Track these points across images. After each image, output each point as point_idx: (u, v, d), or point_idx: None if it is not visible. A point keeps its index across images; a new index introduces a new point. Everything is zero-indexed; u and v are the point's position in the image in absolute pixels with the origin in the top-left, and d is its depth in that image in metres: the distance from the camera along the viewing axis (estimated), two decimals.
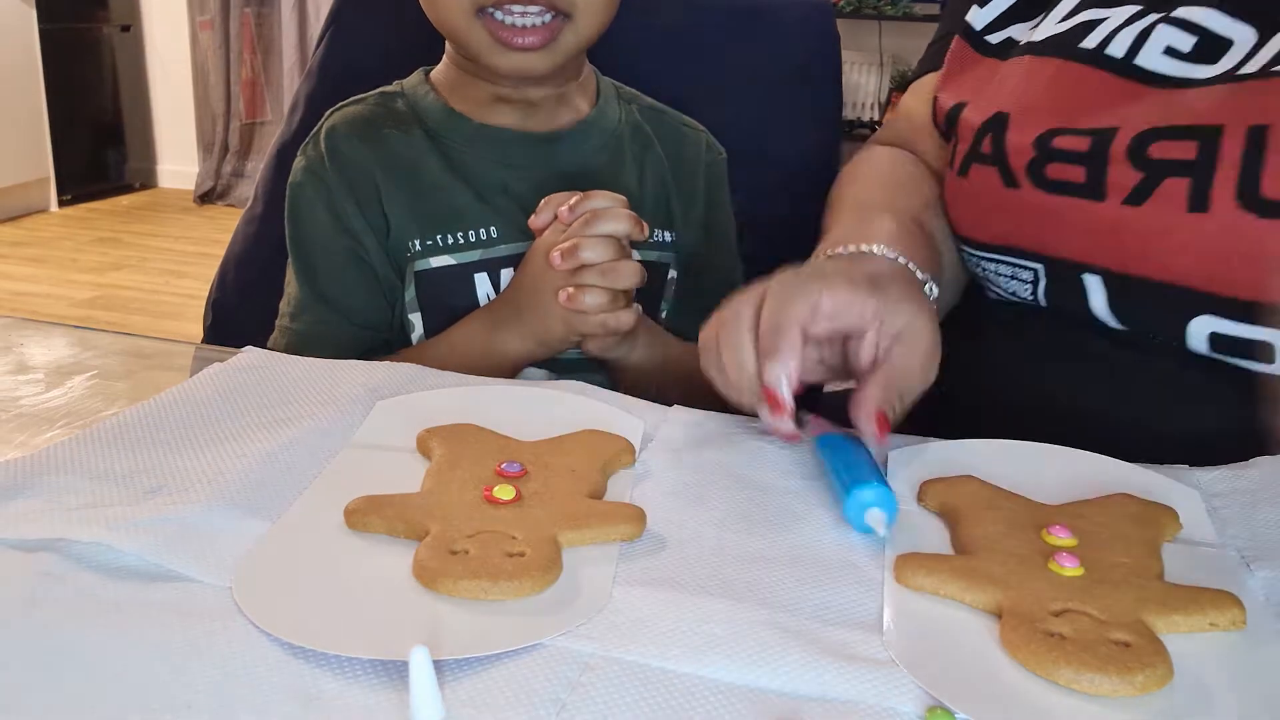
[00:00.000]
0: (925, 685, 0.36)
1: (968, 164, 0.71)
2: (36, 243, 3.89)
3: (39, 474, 0.48)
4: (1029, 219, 0.67)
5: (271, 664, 0.36)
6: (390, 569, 0.42)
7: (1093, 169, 0.63)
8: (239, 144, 4.52)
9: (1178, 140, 0.60)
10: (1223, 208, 0.58)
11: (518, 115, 0.82)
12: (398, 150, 0.80)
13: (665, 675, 0.37)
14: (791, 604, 0.41)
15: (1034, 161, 0.66)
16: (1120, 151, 0.62)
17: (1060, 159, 0.65)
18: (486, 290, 0.79)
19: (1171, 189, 0.60)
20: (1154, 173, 0.61)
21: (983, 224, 0.71)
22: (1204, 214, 0.58)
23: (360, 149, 0.80)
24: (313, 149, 0.82)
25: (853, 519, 0.47)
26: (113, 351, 0.67)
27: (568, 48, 0.77)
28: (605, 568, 0.43)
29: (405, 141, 0.81)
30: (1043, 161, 0.66)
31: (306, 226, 0.81)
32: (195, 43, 4.51)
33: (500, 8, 0.74)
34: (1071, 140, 0.64)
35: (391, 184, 0.79)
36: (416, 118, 0.82)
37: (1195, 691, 0.37)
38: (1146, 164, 0.61)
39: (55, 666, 0.36)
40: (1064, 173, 0.64)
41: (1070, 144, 0.64)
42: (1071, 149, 0.64)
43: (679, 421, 0.58)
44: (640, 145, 0.86)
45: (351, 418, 0.56)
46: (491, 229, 0.79)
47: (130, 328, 2.88)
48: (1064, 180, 0.64)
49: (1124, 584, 0.42)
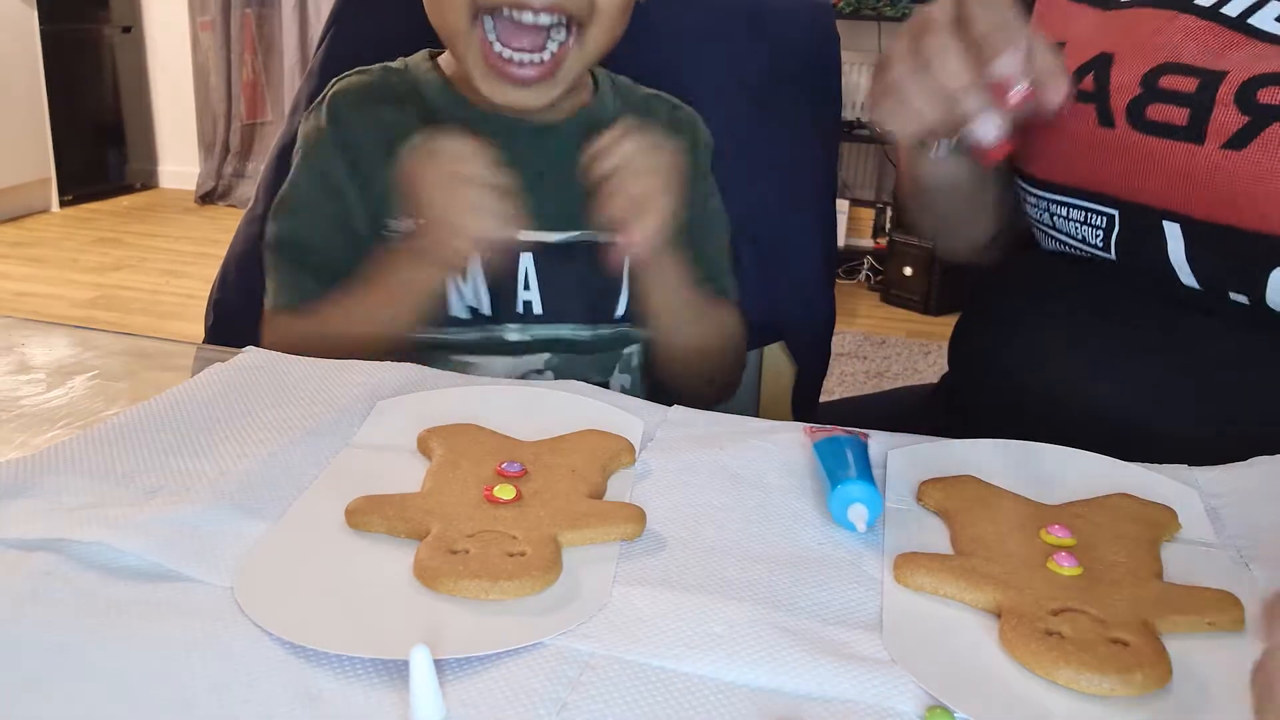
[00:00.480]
0: (925, 685, 0.36)
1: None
2: (37, 243, 3.89)
3: (39, 474, 0.48)
4: (1118, 160, 0.66)
5: (271, 664, 0.36)
6: (390, 569, 0.42)
7: (1197, 111, 0.62)
8: (240, 144, 4.52)
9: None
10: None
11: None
12: (391, 124, 0.79)
13: (665, 675, 0.37)
14: (791, 604, 0.41)
15: (1137, 100, 0.65)
16: (1229, 94, 0.61)
17: (1164, 99, 0.64)
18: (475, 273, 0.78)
19: (1276, 134, 0.59)
20: (1260, 116, 0.60)
21: (1064, 165, 0.70)
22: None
23: (358, 117, 0.79)
24: (315, 113, 0.81)
25: (837, 515, 0.47)
26: (114, 351, 0.67)
27: (569, 76, 0.75)
28: (605, 567, 0.43)
29: (398, 117, 0.79)
30: (1146, 100, 0.65)
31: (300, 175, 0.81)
32: (196, 43, 4.51)
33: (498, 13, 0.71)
34: (1179, 80, 0.64)
35: (374, 157, 0.78)
36: (416, 95, 0.81)
37: (1194, 691, 0.37)
38: (1254, 108, 0.60)
39: (55, 666, 0.36)
40: (1165, 114, 0.64)
41: (1177, 84, 0.64)
42: (1178, 89, 0.64)
43: (679, 421, 0.58)
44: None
45: (352, 418, 0.56)
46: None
47: (131, 328, 2.89)
48: (1164, 122, 0.64)
49: (1123, 584, 0.42)
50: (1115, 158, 0.66)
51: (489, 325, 0.79)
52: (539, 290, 0.80)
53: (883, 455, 0.54)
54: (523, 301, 0.80)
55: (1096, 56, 0.68)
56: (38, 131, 4.15)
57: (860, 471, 0.48)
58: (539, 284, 0.79)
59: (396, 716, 0.34)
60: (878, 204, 3.81)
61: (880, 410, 1.04)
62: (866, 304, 3.50)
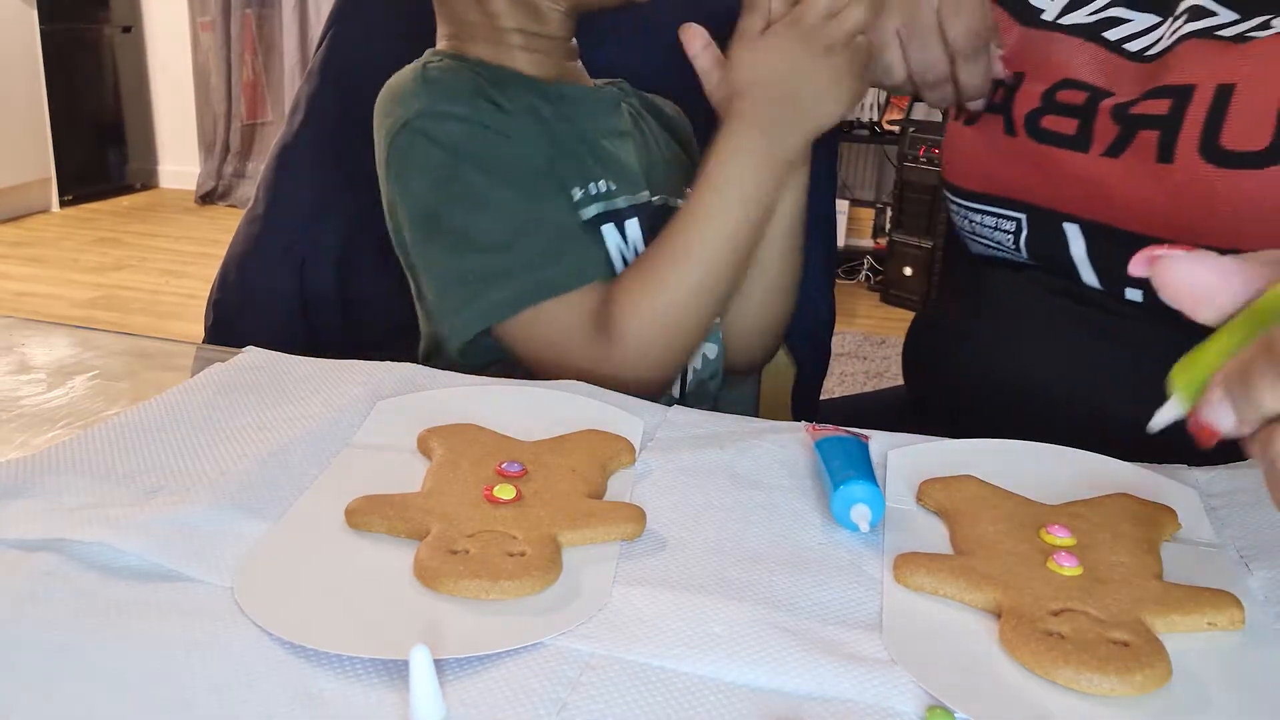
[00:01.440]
0: (925, 685, 0.36)
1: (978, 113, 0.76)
2: (38, 243, 3.89)
3: (39, 474, 0.48)
4: (1020, 167, 0.73)
5: (271, 664, 0.36)
6: (390, 569, 0.42)
7: (1084, 121, 0.69)
8: (240, 145, 4.52)
9: (1156, 99, 0.65)
10: (1186, 159, 0.62)
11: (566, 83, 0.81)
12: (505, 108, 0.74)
13: (665, 675, 0.37)
14: (791, 603, 0.41)
15: (1035, 111, 0.72)
16: (1108, 107, 0.67)
17: (1059, 111, 0.70)
18: (616, 242, 0.76)
19: (1144, 141, 0.65)
20: (1130, 126, 0.66)
21: (977, 172, 0.77)
22: (1170, 165, 0.63)
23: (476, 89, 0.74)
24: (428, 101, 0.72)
25: (839, 515, 0.47)
26: (114, 351, 0.67)
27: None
28: (605, 567, 0.43)
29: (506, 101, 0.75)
30: (1044, 111, 0.71)
31: (496, 158, 0.72)
32: (196, 44, 4.51)
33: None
34: (1072, 94, 0.70)
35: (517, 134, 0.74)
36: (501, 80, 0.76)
37: (1194, 691, 0.37)
38: (1126, 119, 0.66)
39: (55, 666, 0.36)
40: (1058, 124, 0.70)
41: (1070, 98, 0.70)
42: (1070, 102, 0.70)
43: (679, 421, 0.58)
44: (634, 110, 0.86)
45: (352, 417, 0.56)
46: (609, 183, 0.77)
47: (131, 328, 2.89)
48: (1056, 131, 0.70)
49: (1123, 584, 0.42)
50: (1018, 164, 0.73)
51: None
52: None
53: (883, 455, 0.54)
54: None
55: (1011, 76, 0.75)
56: (38, 131, 4.15)
57: (863, 472, 0.48)
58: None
59: (396, 716, 0.34)
60: (878, 204, 3.81)
61: (884, 403, 1.05)
62: (866, 304, 3.50)
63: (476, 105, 0.73)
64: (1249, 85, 0.61)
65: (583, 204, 0.76)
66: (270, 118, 4.49)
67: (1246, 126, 0.61)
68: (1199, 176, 0.62)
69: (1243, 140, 0.61)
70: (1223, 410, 0.36)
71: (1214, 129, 0.62)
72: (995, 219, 0.76)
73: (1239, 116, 0.61)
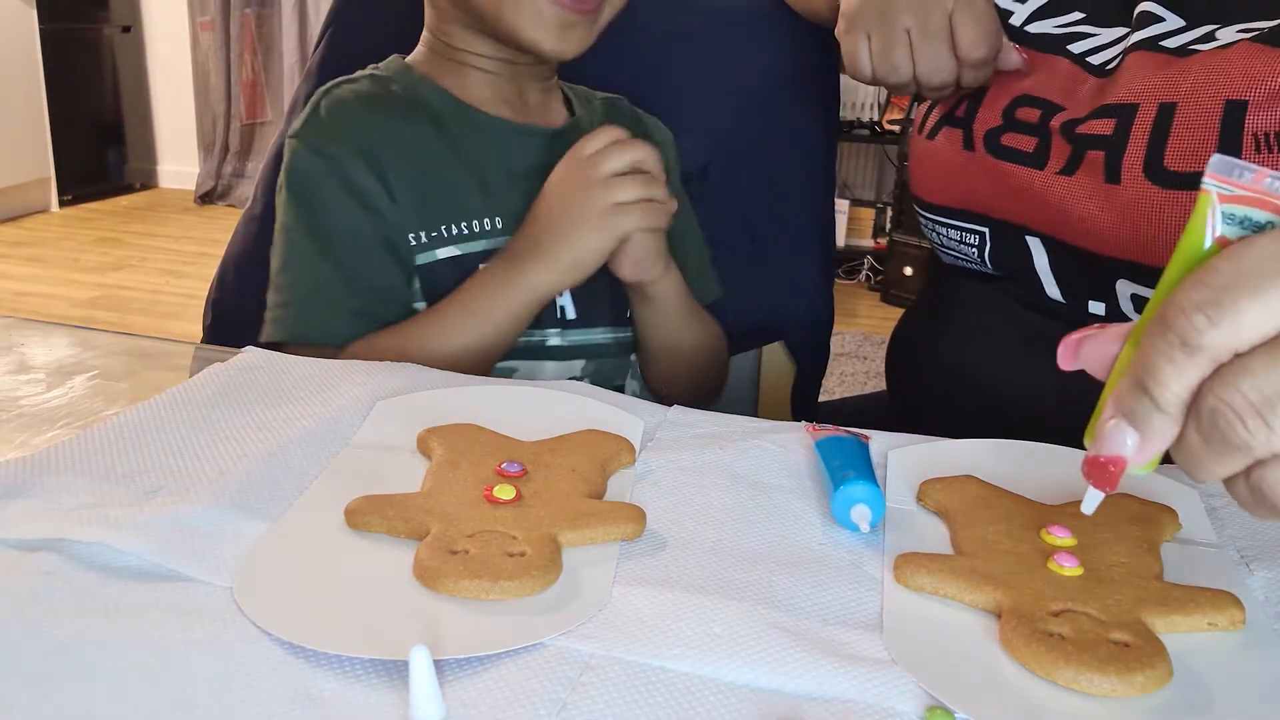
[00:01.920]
0: (925, 685, 0.36)
1: (939, 128, 0.77)
2: (37, 243, 3.89)
3: (39, 474, 0.48)
4: (981, 182, 0.73)
5: (271, 664, 0.36)
6: (390, 569, 0.42)
7: (1041, 139, 0.69)
8: (239, 144, 4.52)
9: (1102, 118, 0.65)
10: (1132, 180, 0.63)
11: (512, 111, 0.82)
12: (402, 133, 0.78)
13: (665, 675, 0.37)
14: (791, 604, 0.41)
15: (994, 129, 0.72)
16: (1058, 125, 0.68)
17: (1017, 129, 0.71)
18: None
19: (1093, 161, 0.65)
20: (1080, 146, 0.66)
21: (941, 186, 0.77)
22: (1118, 185, 0.63)
23: (367, 124, 0.77)
24: (312, 129, 0.78)
25: (839, 515, 0.47)
26: (113, 351, 0.67)
27: (601, 26, 0.77)
28: (605, 568, 0.43)
29: (408, 126, 0.78)
30: (1003, 129, 0.72)
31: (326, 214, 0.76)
32: (195, 43, 4.51)
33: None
34: (1029, 112, 0.70)
35: (396, 168, 0.77)
36: (419, 104, 0.80)
37: (1195, 691, 0.37)
38: (1075, 138, 0.66)
39: (55, 666, 0.36)
40: (1017, 141, 0.71)
41: (1027, 115, 0.71)
42: (1027, 120, 0.71)
43: (679, 421, 0.58)
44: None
45: (352, 417, 0.56)
46: (496, 220, 0.78)
47: (131, 328, 2.89)
48: (1015, 148, 0.71)
49: (1123, 584, 0.42)
50: (979, 179, 0.74)
51: (532, 330, 0.78)
52: (570, 295, 0.80)
53: (883, 455, 0.54)
54: (559, 306, 0.80)
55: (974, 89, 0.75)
56: (37, 131, 4.15)
57: (863, 472, 0.48)
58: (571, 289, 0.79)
59: (396, 716, 0.34)
60: (878, 204, 3.81)
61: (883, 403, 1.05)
62: (866, 304, 3.50)
63: (345, 149, 0.76)
64: (1189, 104, 0.61)
65: (459, 240, 0.77)
66: (270, 117, 4.49)
67: (1189, 147, 0.61)
68: (1145, 197, 0.62)
69: (1186, 161, 0.61)
70: (1117, 434, 0.35)
71: (1157, 149, 0.62)
72: (960, 232, 0.77)
73: (1181, 136, 0.61)
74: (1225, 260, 0.32)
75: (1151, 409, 0.34)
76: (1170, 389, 0.33)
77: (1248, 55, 0.60)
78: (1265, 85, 0.58)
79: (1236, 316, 0.31)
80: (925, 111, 0.80)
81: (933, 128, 0.78)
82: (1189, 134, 0.61)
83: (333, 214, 0.76)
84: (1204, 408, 0.33)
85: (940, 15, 0.70)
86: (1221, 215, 0.34)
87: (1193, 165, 0.61)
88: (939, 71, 0.71)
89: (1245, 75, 0.59)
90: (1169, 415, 0.34)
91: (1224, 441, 0.32)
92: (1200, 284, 0.32)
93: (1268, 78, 0.58)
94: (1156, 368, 0.33)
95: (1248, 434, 0.32)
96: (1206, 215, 0.34)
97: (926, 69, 0.71)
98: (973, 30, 0.69)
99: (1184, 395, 0.33)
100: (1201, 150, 0.60)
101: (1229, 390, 0.32)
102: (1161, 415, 0.34)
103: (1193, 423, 0.33)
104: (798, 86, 1.02)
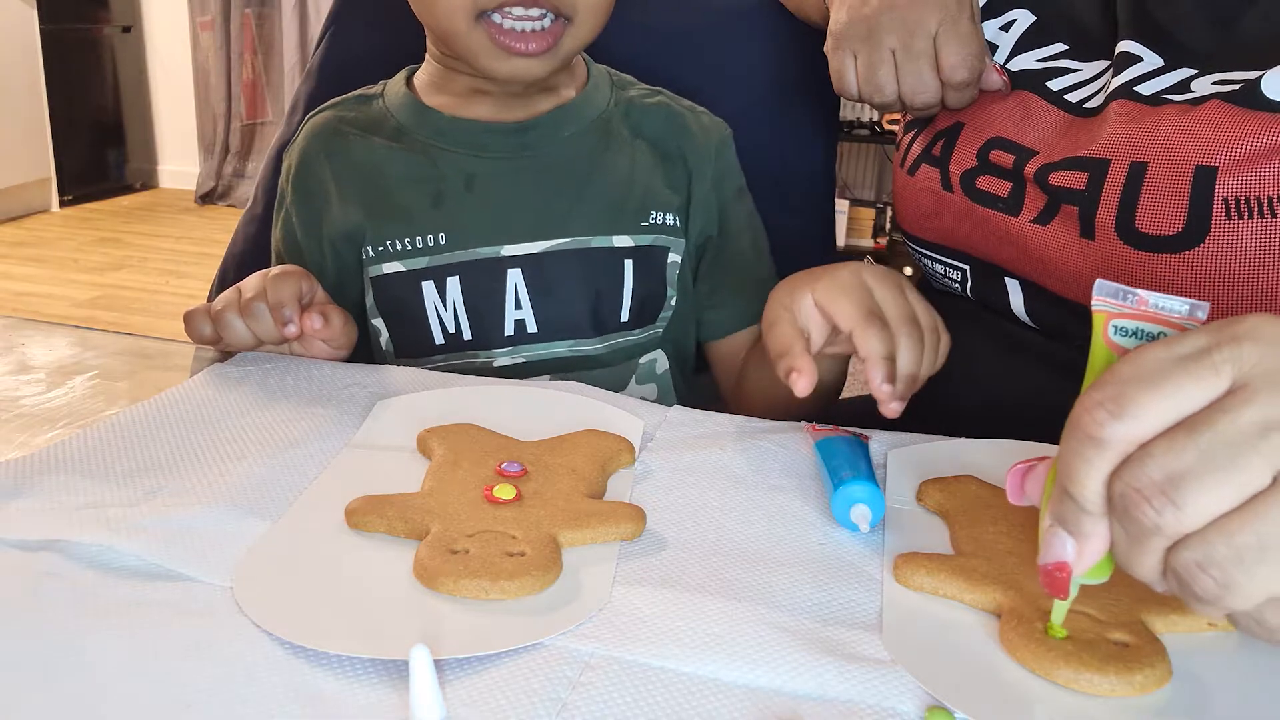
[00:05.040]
0: (925, 685, 0.36)
1: (918, 164, 0.77)
2: (38, 243, 3.89)
3: (39, 474, 0.48)
4: (959, 222, 0.73)
5: (271, 664, 0.36)
6: (390, 569, 0.42)
7: (1015, 185, 0.69)
8: (240, 144, 4.52)
9: (1075, 170, 0.65)
10: (1104, 238, 0.62)
11: (494, 107, 0.80)
12: (356, 157, 0.80)
13: (665, 675, 0.37)
14: (791, 604, 0.41)
15: (970, 171, 0.72)
16: (1031, 172, 0.67)
17: (992, 172, 0.71)
18: (434, 300, 0.76)
19: (1067, 214, 0.65)
20: (1055, 197, 0.66)
21: (922, 222, 0.77)
22: (1091, 241, 0.63)
23: (319, 160, 0.81)
24: (288, 158, 0.83)
25: (839, 515, 0.47)
26: (114, 351, 0.67)
27: (568, 52, 0.76)
28: (605, 567, 0.43)
29: (365, 146, 0.80)
30: (978, 172, 0.72)
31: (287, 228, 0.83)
32: (196, 43, 4.51)
33: (501, 11, 0.72)
34: (1003, 155, 0.70)
35: (346, 191, 0.79)
36: (385, 117, 0.81)
37: (1194, 691, 0.37)
38: (1049, 189, 0.66)
39: (55, 666, 0.36)
40: (992, 185, 0.71)
41: (1001, 159, 0.70)
42: (1001, 164, 0.70)
43: (679, 421, 0.58)
44: (631, 128, 0.84)
45: (351, 418, 0.56)
46: (441, 236, 0.77)
47: (131, 328, 2.89)
48: (990, 192, 0.71)
49: (1123, 584, 0.42)
50: (957, 219, 0.74)
51: (471, 351, 0.77)
52: (531, 307, 0.77)
53: (883, 455, 0.55)
54: (513, 322, 0.77)
55: (952, 125, 0.75)
56: (38, 131, 4.15)
57: (863, 472, 0.48)
58: (530, 300, 0.77)
59: (396, 716, 0.34)
60: (878, 204, 3.81)
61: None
62: None
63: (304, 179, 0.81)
64: (1160, 165, 0.60)
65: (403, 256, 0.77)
66: (270, 117, 4.49)
67: (1160, 209, 0.60)
68: (1119, 255, 0.62)
69: (1157, 223, 0.60)
70: (1056, 541, 0.36)
71: (1129, 210, 0.61)
72: (944, 265, 0.77)
73: (1151, 197, 0.60)
74: (1124, 363, 0.35)
75: (1077, 510, 0.35)
76: (1088, 486, 0.34)
77: (1216, 117, 0.59)
78: (1233, 151, 0.57)
79: (1136, 409, 0.33)
80: (907, 144, 0.80)
81: (912, 164, 0.78)
82: (1160, 196, 0.60)
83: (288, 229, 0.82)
84: (1115, 496, 0.34)
85: (924, 37, 0.70)
86: (1114, 329, 0.37)
87: (1164, 229, 0.60)
88: (922, 92, 0.71)
89: (1214, 139, 0.58)
90: (1093, 514, 0.35)
91: (1137, 526, 0.33)
92: (1102, 383, 0.35)
93: (1235, 143, 0.57)
94: (1072, 467, 0.35)
95: (1155, 514, 0.33)
96: (1103, 332, 0.37)
97: (910, 89, 0.71)
98: (956, 53, 0.70)
99: (1101, 490, 0.34)
100: (1173, 215, 0.59)
101: (1134, 474, 0.33)
102: (1087, 515, 0.35)
103: (1114, 517, 0.35)
104: (798, 86, 1.02)
